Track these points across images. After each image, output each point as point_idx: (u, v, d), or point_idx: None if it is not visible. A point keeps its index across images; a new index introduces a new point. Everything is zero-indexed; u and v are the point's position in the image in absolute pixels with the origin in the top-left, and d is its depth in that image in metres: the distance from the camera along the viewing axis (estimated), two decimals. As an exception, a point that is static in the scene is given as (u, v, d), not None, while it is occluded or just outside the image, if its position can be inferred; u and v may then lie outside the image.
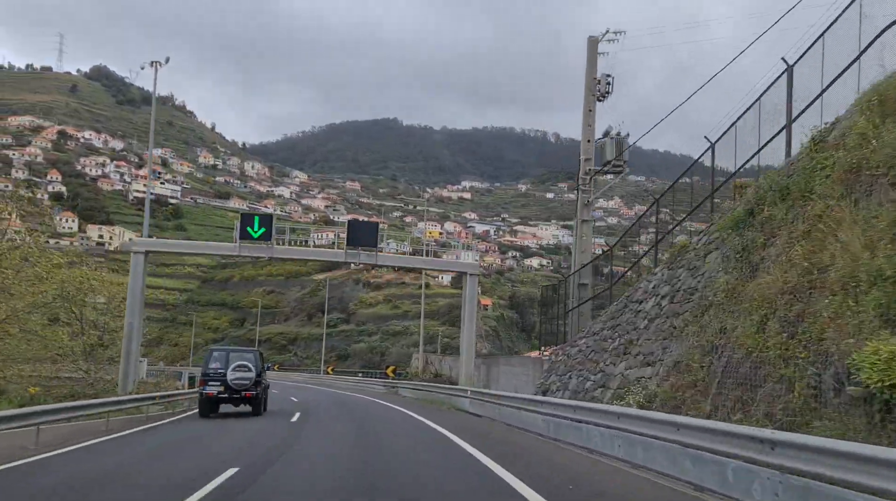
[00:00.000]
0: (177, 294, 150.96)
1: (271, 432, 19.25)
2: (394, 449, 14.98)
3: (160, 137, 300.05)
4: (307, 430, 19.82)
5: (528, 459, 13.30)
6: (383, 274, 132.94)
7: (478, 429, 19.26)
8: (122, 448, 15.14)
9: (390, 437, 17.87)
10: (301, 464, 12.71)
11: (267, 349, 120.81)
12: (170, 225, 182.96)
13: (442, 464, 12.73)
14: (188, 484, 9.68)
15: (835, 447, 6.38)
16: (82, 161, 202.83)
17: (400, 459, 13.27)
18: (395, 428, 20.27)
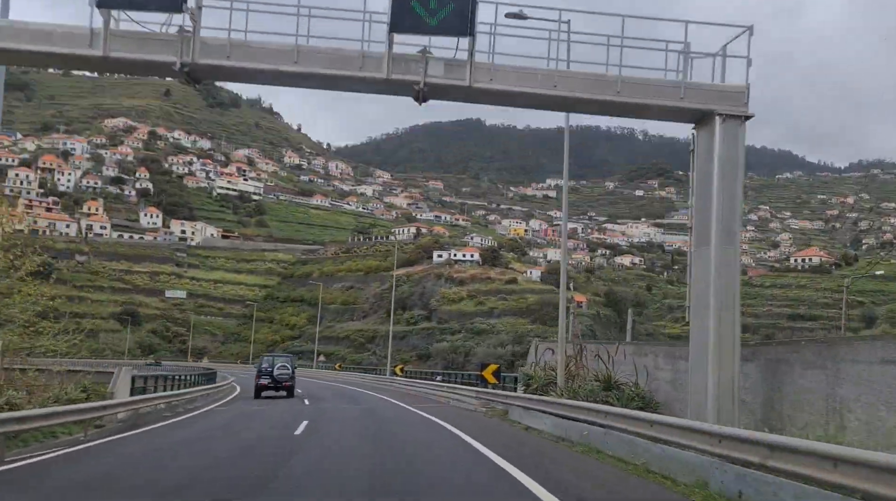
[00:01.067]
0: (256, 290, 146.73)
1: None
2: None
3: (247, 138, 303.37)
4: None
5: None
6: (467, 269, 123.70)
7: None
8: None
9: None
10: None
11: (345, 347, 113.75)
12: (252, 221, 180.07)
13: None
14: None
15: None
16: (170, 160, 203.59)
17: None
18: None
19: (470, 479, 10.94)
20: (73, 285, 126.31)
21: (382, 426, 19.29)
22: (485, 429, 18.53)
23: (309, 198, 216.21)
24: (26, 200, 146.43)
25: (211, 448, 14.25)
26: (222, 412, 24.60)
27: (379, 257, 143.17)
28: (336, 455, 13.10)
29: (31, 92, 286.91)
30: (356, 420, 19.39)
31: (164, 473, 10.85)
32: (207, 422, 20.61)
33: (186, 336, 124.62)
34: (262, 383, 34.43)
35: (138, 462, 12.16)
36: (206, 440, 15.97)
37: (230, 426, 19.34)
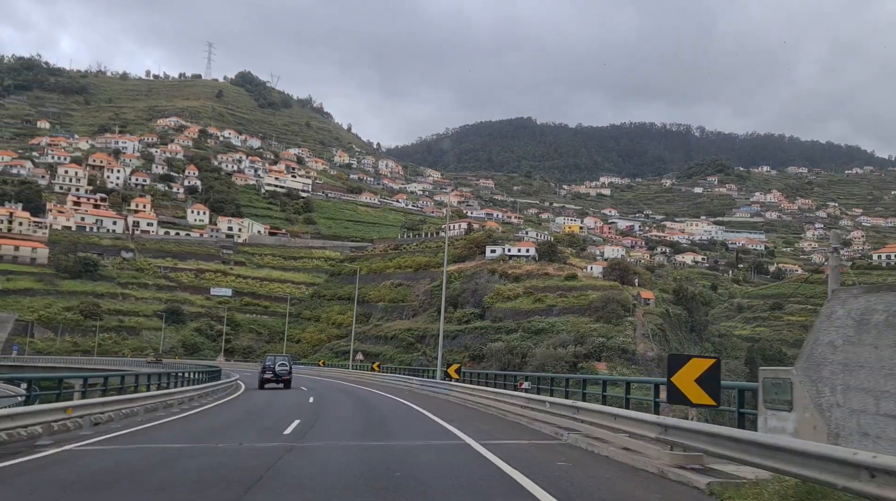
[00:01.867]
0: (303, 288, 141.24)
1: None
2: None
3: (297, 138, 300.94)
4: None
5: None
6: (522, 265, 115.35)
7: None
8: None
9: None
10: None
11: (393, 347, 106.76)
12: (299, 218, 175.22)
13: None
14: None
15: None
16: (219, 158, 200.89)
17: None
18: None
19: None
20: (117, 282, 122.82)
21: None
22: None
23: (357, 195, 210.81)
24: (75, 197, 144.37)
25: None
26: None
27: (429, 253, 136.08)
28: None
29: (90, 96, 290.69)
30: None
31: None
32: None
33: (231, 335, 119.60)
34: (265, 376, 39.90)
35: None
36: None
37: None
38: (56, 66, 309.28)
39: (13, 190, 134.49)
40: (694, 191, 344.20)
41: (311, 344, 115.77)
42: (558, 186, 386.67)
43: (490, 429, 16.36)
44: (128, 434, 14.70)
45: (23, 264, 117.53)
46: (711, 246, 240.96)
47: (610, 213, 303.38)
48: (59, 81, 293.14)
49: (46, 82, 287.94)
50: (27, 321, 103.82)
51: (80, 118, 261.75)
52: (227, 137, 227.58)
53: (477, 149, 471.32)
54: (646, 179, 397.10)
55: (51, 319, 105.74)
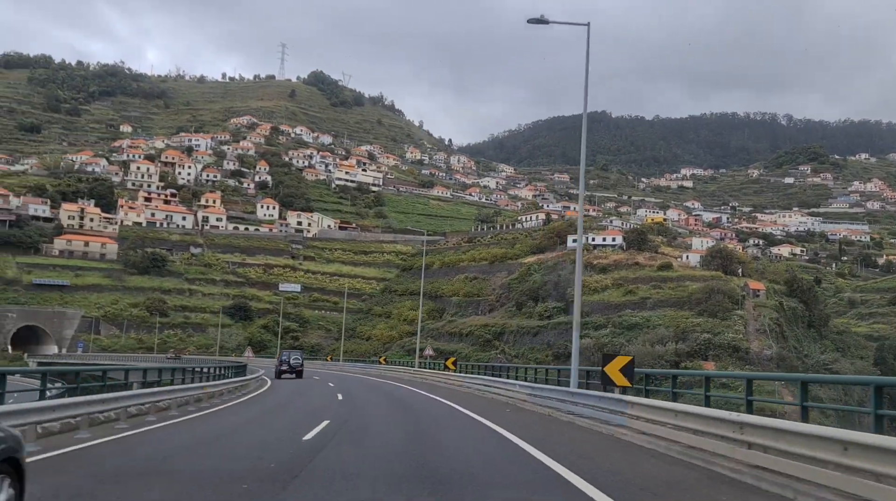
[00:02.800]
0: (374, 284, 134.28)
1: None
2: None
3: (369, 135, 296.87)
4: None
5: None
6: (608, 254, 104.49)
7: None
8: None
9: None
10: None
11: (469, 344, 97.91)
12: (370, 212, 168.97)
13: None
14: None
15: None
16: (290, 154, 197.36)
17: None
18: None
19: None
20: (185, 277, 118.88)
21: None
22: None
23: (429, 190, 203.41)
24: (146, 193, 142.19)
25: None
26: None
27: (504, 245, 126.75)
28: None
29: (169, 99, 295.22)
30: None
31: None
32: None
33: (299, 332, 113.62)
34: (282, 369, 46.79)
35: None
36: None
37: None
38: (138, 72, 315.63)
39: (86, 187, 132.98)
40: (784, 181, 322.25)
41: (381, 341, 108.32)
42: (636, 179, 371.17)
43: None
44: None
45: (93, 259, 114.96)
46: (809, 238, 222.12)
47: (693, 205, 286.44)
48: (141, 87, 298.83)
49: (129, 88, 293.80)
50: (93, 317, 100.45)
51: (159, 121, 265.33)
52: (298, 134, 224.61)
53: (550, 144, 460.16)
54: (730, 170, 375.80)
55: (116, 315, 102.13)
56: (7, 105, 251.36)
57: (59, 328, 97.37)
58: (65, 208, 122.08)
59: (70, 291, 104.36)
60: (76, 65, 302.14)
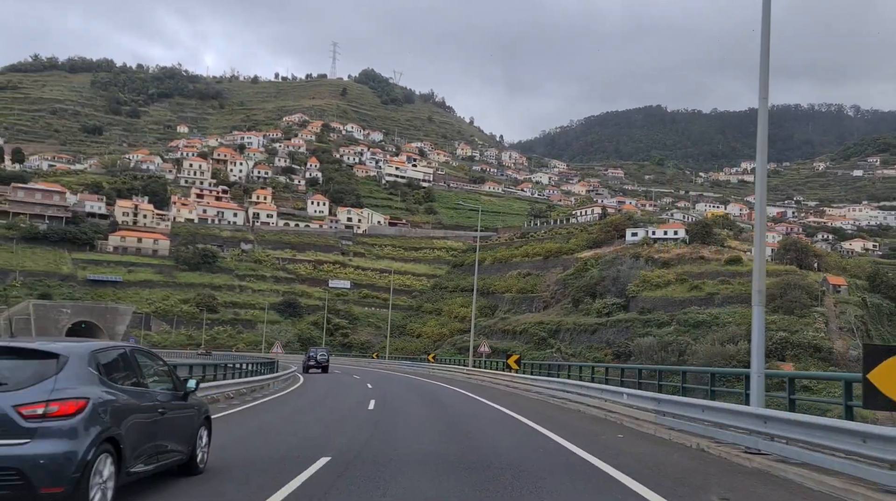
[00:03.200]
0: (424, 280, 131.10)
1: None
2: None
3: (420, 132, 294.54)
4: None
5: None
6: (671, 248, 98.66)
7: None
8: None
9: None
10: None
11: (522, 342, 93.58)
12: (420, 208, 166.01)
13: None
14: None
15: None
16: (341, 150, 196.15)
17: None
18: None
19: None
20: (235, 274, 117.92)
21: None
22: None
23: (480, 186, 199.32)
24: (198, 189, 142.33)
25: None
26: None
27: (559, 239, 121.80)
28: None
29: (224, 100, 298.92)
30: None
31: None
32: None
33: (348, 329, 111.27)
34: (309, 364, 49.41)
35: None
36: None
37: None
38: (195, 73, 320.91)
39: (140, 185, 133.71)
40: (852, 174, 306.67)
41: (431, 339, 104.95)
42: (694, 173, 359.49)
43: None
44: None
45: (145, 255, 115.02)
46: (882, 232, 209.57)
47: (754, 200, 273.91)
48: (197, 88, 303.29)
49: (186, 89, 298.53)
50: (144, 313, 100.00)
51: (214, 122, 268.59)
52: (349, 131, 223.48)
53: (603, 140, 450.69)
54: (794, 163, 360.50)
55: (167, 311, 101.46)
56: (71, 108, 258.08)
57: (112, 324, 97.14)
58: (119, 205, 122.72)
59: (123, 287, 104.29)
60: (136, 68, 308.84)
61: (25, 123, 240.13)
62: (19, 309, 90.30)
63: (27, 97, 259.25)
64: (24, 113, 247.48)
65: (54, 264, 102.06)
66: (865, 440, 7.41)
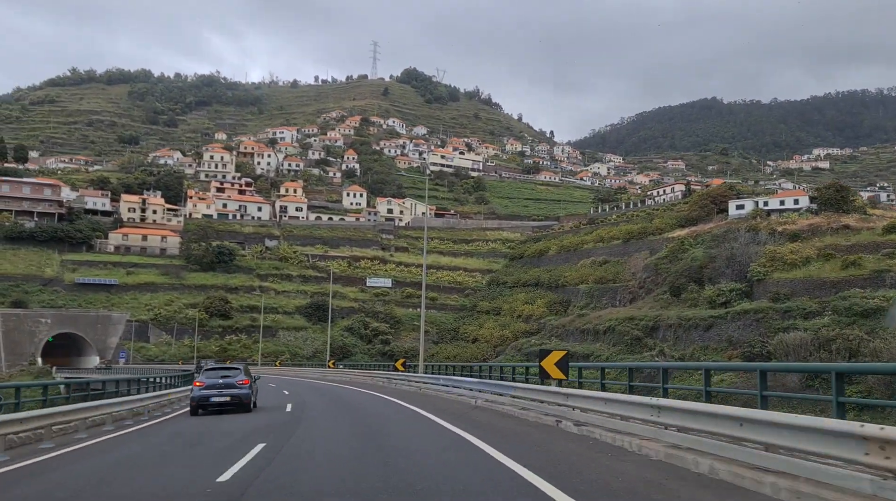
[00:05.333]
0: (478, 276, 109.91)
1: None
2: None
3: (466, 130, 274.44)
4: None
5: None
6: (795, 219, 75.08)
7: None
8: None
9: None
10: None
11: (609, 343, 71.33)
12: (470, 198, 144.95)
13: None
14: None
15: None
16: (381, 143, 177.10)
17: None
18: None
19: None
20: (256, 273, 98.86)
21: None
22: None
23: (534, 175, 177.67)
24: (218, 182, 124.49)
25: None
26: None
27: (638, 222, 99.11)
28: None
29: (263, 105, 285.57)
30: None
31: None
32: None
33: (389, 334, 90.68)
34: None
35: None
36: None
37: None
38: (233, 80, 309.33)
39: (153, 180, 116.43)
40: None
41: (490, 343, 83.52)
42: (761, 162, 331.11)
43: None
44: None
45: (151, 255, 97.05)
46: None
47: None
48: (236, 95, 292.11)
49: (224, 97, 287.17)
50: (141, 321, 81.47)
51: (252, 128, 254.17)
52: (390, 125, 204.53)
53: (656, 136, 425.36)
54: (873, 148, 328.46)
55: (169, 318, 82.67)
56: (108, 119, 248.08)
57: (103, 336, 78.88)
58: (125, 200, 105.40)
59: (118, 291, 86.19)
60: (174, 77, 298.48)
61: (61, 136, 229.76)
62: (-16, 320, 72.76)
63: (64, 110, 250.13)
64: (61, 126, 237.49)
65: (36, 267, 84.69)
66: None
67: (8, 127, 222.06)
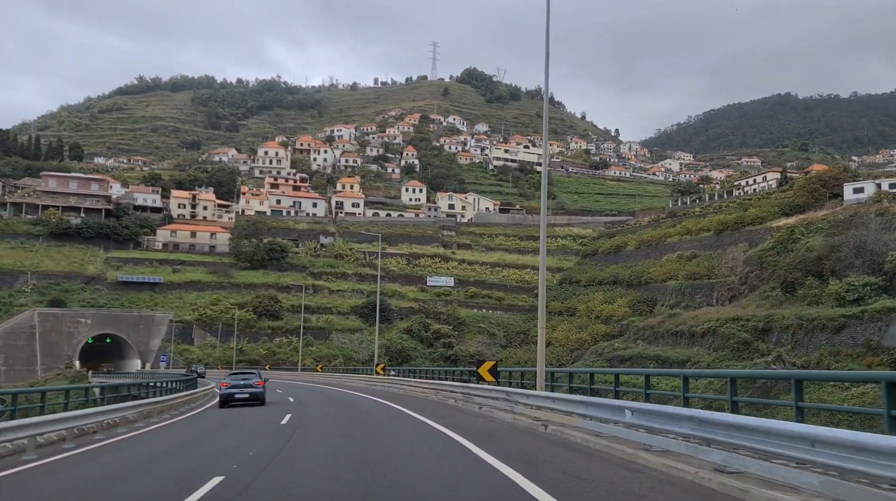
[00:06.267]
0: (547, 274, 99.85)
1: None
2: None
3: (528, 129, 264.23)
4: None
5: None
6: (935, 200, 62.52)
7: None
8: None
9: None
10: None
11: (708, 348, 60.49)
12: (537, 193, 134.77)
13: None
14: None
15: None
16: (441, 140, 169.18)
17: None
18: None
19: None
20: (309, 272, 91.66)
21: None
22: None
23: (604, 170, 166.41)
24: (272, 178, 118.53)
25: None
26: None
27: (731, 211, 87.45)
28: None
29: (322, 108, 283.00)
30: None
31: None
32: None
33: (452, 337, 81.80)
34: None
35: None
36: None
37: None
38: (293, 84, 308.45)
39: (206, 176, 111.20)
40: None
41: (566, 347, 73.52)
42: (846, 157, 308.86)
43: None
44: None
45: (199, 252, 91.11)
46: None
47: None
48: (296, 99, 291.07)
49: (284, 101, 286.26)
50: (185, 321, 75.06)
51: (312, 130, 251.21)
52: (451, 122, 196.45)
53: (726, 133, 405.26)
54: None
55: (215, 318, 76.01)
56: (172, 125, 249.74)
57: (146, 337, 72.74)
58: (174, 196, 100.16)
59: (163, 290, 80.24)
60: (236, 83, 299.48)
61: (127, 142, 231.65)
62: (20, 321, 67.46)
63: (130, 117, 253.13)
64: (126, 132, 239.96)
65: (79, 265, 79.52)
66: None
67: (77, 134, 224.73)
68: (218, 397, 27.73)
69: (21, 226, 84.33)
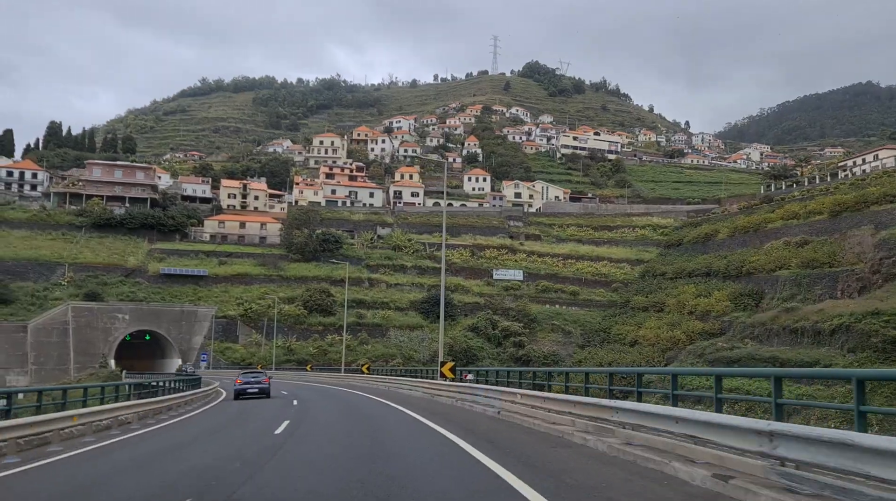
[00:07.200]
0: (626, 267, 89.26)
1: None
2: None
3: (593, 122, 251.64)
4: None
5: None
6: None
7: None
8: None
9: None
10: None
11: (839, 348, 49.22)
12: (609, 182, 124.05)
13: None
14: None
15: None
16: (505, 130, 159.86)
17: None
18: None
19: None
20: (364, 264, 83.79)
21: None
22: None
23: (679, 159, 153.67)
24: (327, 167, 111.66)
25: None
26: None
27: (847, 191, 75.04)
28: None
29: (382, 106, 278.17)
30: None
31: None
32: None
33: (523, 335, 72.38)
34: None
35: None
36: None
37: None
38: (353, 83, 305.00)
39: (257, 166, 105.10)
40: None
41: (657, 346, 63.05)
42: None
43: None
44: None
45: (249, 244, 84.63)
46: None
47: None
48: (356, 97, 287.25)
49: (344, 99, 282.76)
50: (230, 317, 68.16)
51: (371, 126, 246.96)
52: (514, 113, 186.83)
53: (803, 125, 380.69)
54: None
55: (261, 314, 68.88)
56: (233, 125, 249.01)
57: (188, 333, 66.22)
58: (224, 186, 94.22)
59: (207, 283, 73.77)
60: (296, 82, 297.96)
61: (190, 142, 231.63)
62: (53, 316, 61.74)
63: (193, 118, 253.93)
64: (189, 133, 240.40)
65: (120, 256, 73.91)
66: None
67: (143, 136, 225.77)
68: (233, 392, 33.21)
69: (64, 217, 79.69)
